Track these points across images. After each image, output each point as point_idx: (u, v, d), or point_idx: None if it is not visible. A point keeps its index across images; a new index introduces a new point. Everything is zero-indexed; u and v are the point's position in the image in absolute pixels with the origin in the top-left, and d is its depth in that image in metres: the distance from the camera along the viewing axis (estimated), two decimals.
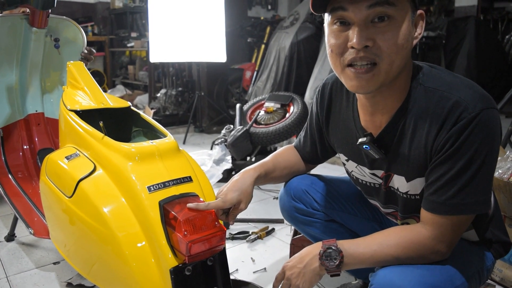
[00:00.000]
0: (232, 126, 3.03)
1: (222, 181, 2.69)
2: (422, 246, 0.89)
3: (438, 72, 0.93)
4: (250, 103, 3.27)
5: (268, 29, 5.03)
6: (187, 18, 3.76)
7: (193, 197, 1.00)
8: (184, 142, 4.00)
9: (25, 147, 1.99)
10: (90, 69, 1.89)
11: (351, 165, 1.12)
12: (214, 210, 0.99)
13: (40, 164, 1.95)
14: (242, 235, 1.94)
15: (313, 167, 1.35)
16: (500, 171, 1.49)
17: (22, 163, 1.97)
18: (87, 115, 1.36)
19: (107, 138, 1.15)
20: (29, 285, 1.55)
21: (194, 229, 0.92)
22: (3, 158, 1.93)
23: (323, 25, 0.94)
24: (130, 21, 6.11)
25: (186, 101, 4.81)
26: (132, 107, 1.49)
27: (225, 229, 0.98)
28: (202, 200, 1.00)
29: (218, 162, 2.81)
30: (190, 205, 0.95)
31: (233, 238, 1.93)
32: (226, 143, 2.84)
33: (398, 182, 1.00)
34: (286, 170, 1.27)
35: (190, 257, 0.91)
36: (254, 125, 2.90)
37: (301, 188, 1.27)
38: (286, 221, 1.40)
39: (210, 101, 4.50)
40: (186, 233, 0.90)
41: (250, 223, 2.12)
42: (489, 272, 1.04)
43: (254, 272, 1.65)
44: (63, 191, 1.19)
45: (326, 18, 0.91)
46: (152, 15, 3.82)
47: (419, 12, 0.90)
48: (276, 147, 3.05)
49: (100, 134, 1.19)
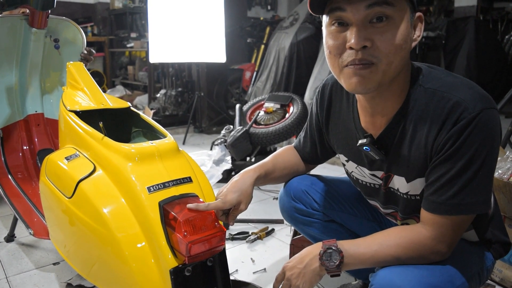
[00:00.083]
0: (231, 126, 3.03)
1: (222, 181, 2.69)
2: (422, 246, 0.89)
3: (438, 72, 0.93)
4: (249, 104, 3.27)
5: (267, 29, 5.04)
6: (187, 18, 3.76)
7: (193, 197, 1.00)
8: (183, 143, 4.00)
9: (24, 148, 1.99)
10: (89, 69, 1.89)
11: (351, 165, 1.12)
12: (214, 211, 0.99)
13: (39, 164, 1.95)
14: (242, 236, 1.94)
15: (313, 168, 1.35)
16: (499, 171, 1.49)
17: (22, 164, 1.97)
18: (87, 116, 1.36)
19: (107, 139, 1.15)
20: (29, 285, 1.55)
21: (194, 229, 0.92)
22: (3, 159, 1.93)
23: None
24: (130, 21, 6.11)
25: (186, 101, 4.81)
26: (131, 108, 1.49)
27: (225, 229, 0.98)
28: (202, 200, 1.00)
29: (217, 162, 2.81)
30: (190, 205, 0.95)
31: (233, 238, 1.93)
32: (225, 144, 2.84)
33: (398, 183, 1.00)
34: (286, 171, 1.27)
35: (190, 257, 0.91)
36: (253, 125, 2.90)
37: (301, 188, 1.27)
38: (286, 221, 1.41)
39: (210, 101, 4.50)
40: (186, 233, 0.90)
41: (250, 224, 2.12)
42: (489, 272, 1.05)
43: (254, 272, 1.65)
44: (63, 192, 1.19)
45: (324, 19, 0.90)
46: (151, 16, 3.82)
47: (418, 14, 0.89)
48: (276, 148, 3.05)
49: (100, 135, 1.19)
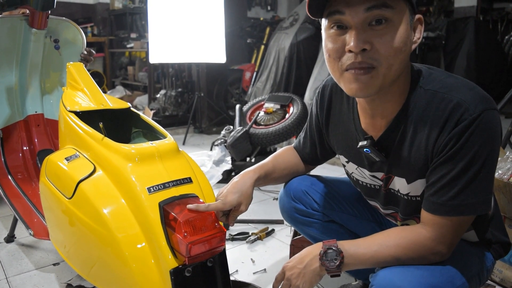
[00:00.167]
0: (231, 127, 3.03)
1: (222, 182, 2.69)
2: (422, 247, 0.89)
3: (438, 74, 0.93)
4: (249, 104, 3.27)
5: (267, 29, 5.04)
6: (187, 19, 3.76)
7: (193, 198, 1.00)
8: (183, 143, 4.00)
9: (24, 148, 1.99)
10: (89, 70, 1.89)
11: (351, 166, 1.12)
12: (214, 212, 0.99)
13: (39, 165, 1.95)
14: (242, 236, 1.94)
15: (312, 168, 1.35)
16: (500, 172, 1.49)
17: (22, 164, 1.97)
18: (87, 116, 1.36)
19: (107, 139, 1.15)
20: (28, 286, 1.55)
21: (194, 230, 0.92)
22: (3, 159, 1.93)
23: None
24: (130, 22, 6.11)
25: (186, 102, 4.81)
26: (131, 108, 1.49)
27: (225, 230, 0.98)
28: (202, 201, 1.00)
29: (217, 163, 2.81)
30: (190, 206, 0.95)
31: (233, 239, 1.93)
32: (225, 144, 2.84)
33: (399, 184, 1.00)
34: (286, 171, 1.27)
35: (190, 258, 0.91)
36: (253, 126, 2.90)
37: (301, 189, 1.27)
38: (286, 222, 1.41)
39: (210, 102, 4.50)
40: (186, 234, 0.90)
41: (250, 224, 2.12)
42: (489, 272, 1.04)
43: (254, 273, 1.65)
44: (63, 192, 1.19)
45: (323, 23, 0.90)
46: (151, 16, 3.82)
47: (418, 16, 0.89)
48: (275, 148, 3.05)
49: (100, 135, 1.19)
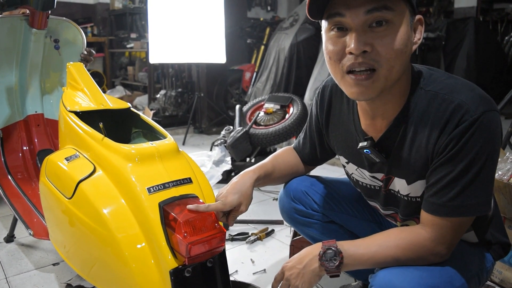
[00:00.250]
0: (231, 127, 3.03)
1: (221, 182, 2.69)
2: (422, 247, 0.89)
3: (438, 75, 0.93)
4: (249, 104, 3.27)
5: (267, 30, 5.04)
6: (187, 19, 3.76)
7: (193, 198, 1.00)
8: (183, 143, 4.00)
9: (24, 148, 1.99)
10: (89, 70, 1.89)
11: (351, 167, 1.12)
12: (214, 213, 0.99)
13: (39, 165, 1.95)
14: (242, 237, 1.94)
15: (312, 169, 1.35)
16: (499, 173, 1.49)
17: (22, 164, 1.98)
18: (87, 116, 1.36)
19: (107, 139, 1.15)
20: (28, 286, 1.55)
21: (194, 230, 0.92)
22: (3, 159, 1.93)
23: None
24: (130, 22, 6.10)
25: (186, 102, 4.81)
26: (131, 108, 1.50)
27: (224, 230, 0.98)
28: (202, 201, 1.00)
29: (217, 163, 2.81)
30: (190, 206, 0.95)
31: (232, 239, 1.93)
32: (225, 144, 2.84)
33: (399, 185, 1.00)
34: (286, 172, 1.27)
35: (190, 258, 0.91)
36: (253, 126, 2.90)
37: (300, 189, 1.27)
38: (285, 222, 1.40)
39: (210, 102, 4.50)
40: (186, 234, 0.90)
41: (249, 224, 2.12)
42: (488, 273, 1.04)
43: (253, 273, 1.65)
44: (63, 192, 1.19)
45: (323, 24, 0.90)
46: (151, 16, 3.82)
47: (418, 17, 0.89)
48: (275, 148, 3.05)
49: (99, 135, 1.19)
